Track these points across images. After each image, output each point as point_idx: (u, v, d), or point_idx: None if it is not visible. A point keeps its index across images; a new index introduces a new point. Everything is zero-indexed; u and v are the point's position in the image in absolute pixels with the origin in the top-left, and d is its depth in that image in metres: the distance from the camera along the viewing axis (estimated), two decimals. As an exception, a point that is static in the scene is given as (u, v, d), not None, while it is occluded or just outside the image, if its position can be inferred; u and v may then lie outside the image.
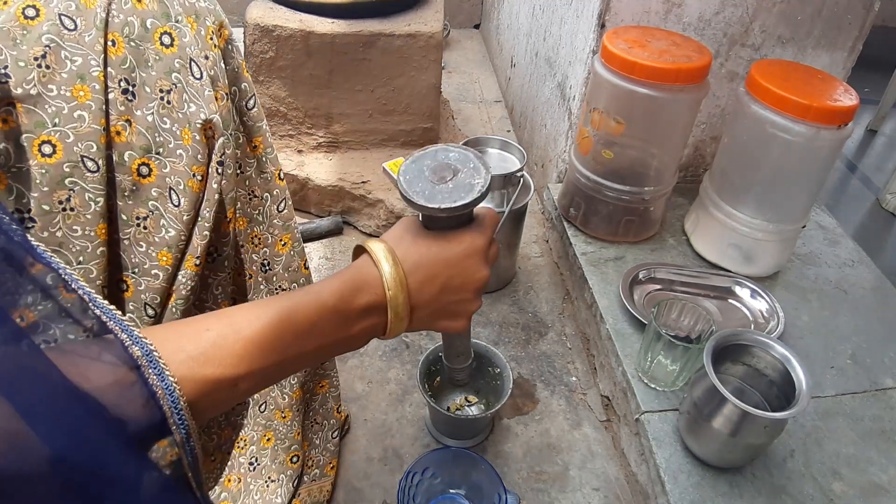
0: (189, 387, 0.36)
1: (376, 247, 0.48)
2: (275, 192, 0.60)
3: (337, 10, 1.15)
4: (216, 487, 0.71)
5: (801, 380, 0.68)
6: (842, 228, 1.16)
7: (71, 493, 0.29)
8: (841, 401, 0.83)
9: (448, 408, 0.86)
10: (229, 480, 0.72)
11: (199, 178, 0.50)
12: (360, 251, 0.50)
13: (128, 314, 0.51)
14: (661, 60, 0.87)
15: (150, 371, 0.33)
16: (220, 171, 0.50)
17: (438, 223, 0.51)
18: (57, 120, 0.44)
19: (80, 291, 0.33)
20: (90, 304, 0.33)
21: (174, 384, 0.34)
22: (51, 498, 0.28)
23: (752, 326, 0.92)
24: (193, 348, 0.37)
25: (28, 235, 0.33)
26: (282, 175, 0.60)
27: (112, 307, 0.34)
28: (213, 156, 0.50)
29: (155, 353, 0.34)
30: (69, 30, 0.44)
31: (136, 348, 0.33)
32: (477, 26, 2.22)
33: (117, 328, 0.33)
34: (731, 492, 0.71)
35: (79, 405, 0.30)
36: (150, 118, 0.47)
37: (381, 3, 1.18)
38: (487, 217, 0.53)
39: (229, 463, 0.72)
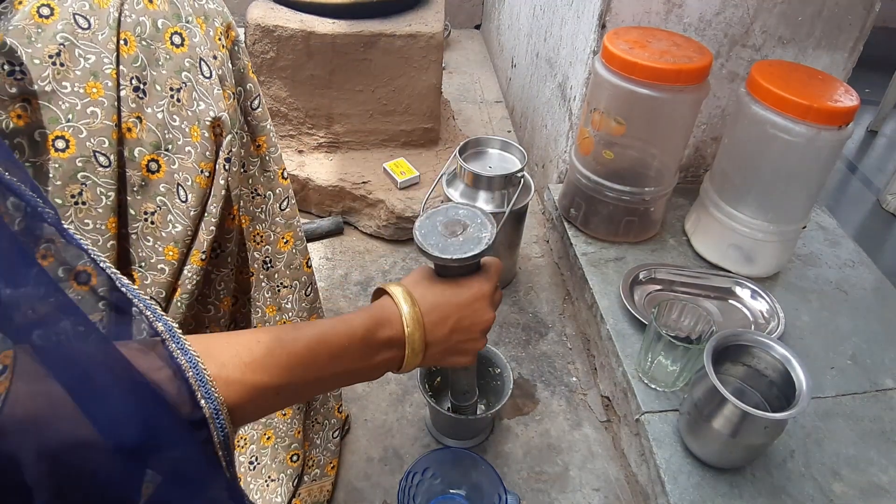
0: (240, 390, 0.39)
1: (396, 290, 0.53)
2: (277, 191, 0.61)
3: (338, 10, 1.15)
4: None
5: (802, 380, 0.68)
6: (842, 229, 1.16)
7: (124, 460, 0.30)
8: (841, 401, 0.83)
9: (448, 408, 0.86)
10: (230, 480, 0.72)
11: (207, 174, 0.51)
12: (380, 293, 0.55)
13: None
14: (661, 61, 0.87)
15: (173, 345, 0.35)
16: (226, 167, 0.52)
17: (450, 272, 0.56)
18: (70, 116, 0.45)
19: (109, 271, 0.34)
20: (117, 283, 0.35)
21: (197, 357, 0.35)
22: (108, 465, 0.30)
23: (753, 327, 0.92)
24: (247, 355, 0.40)
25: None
26: (285, 174, 0.61)
27: (135, 287, 0.35)
28: (221, 152, 0.51)
29: (176, 329, 0.36)
30: (83, 28, 0.45)
31: (160, 324, 0.35)
32: (478, 27, 2.23)
33: (142, 305, 0.35)
34: (732, 492, 0.71)
35: (126, 379, 0.31)
36: (160, 115, 0.49)
37: (382, 3, 1.18)
38: (493, 266, 0.59)
39: (230, 462, 0.72)
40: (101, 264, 0.34)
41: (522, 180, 0.98)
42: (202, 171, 0.50)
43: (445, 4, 1.30)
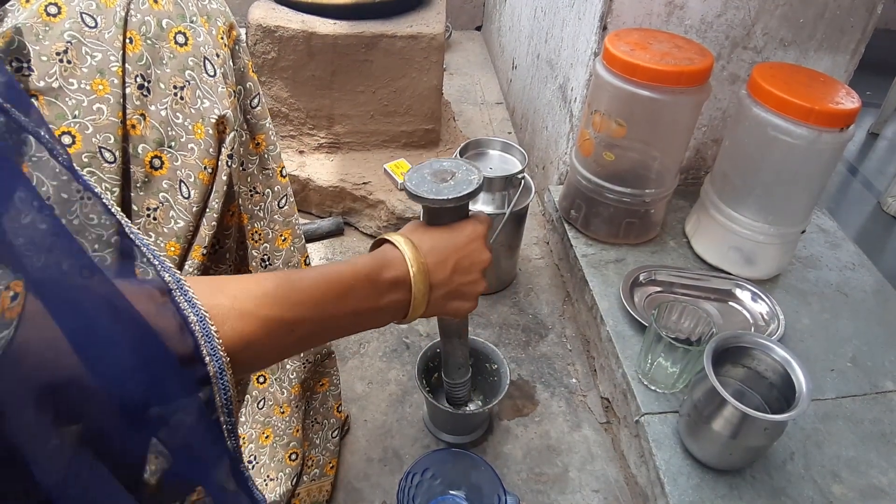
0: (255, 323, 0.38)
1: (394, 237, 0.53)
2: (276, 189, 0.61)
3: (339, 11, 1.15)
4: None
5: (802, 382, 0.68)
6: (843, 231, 1.16)
7: (125, 411, 0.29)
8: (841, 403, 0.83)
9: (445, 397, 0.85)
10: (229, 479, 0.72)
11: (210, 170, 0.52)
12: (378, 243, 0.55)
13: None
14: (662, 63, 0.87)
15: (180, 297, 0.34)
16: (229, 163, 0.52)
17: (444, 217, 0.57)
18: (77, 112, 0.46)
19: (118, 216, 0.34)
20: (125, 229, 0.34)
21: (205, 313, 0.34)
22: (108, 414, 0.29)
23: (753, 329, 0.92)
24: (256, 289, 0.40)
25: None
26: (284, 172, 0.62)
27: (143, 235, 0.35)
28: (224, 148, 0.52)
29: (184, 282, 0.34)
30: (90, 27, 0.46)
31: (167, 275, 0.34)
32: (478, 28, 2.23)
33: (150, 255, 0.34)
34: (731, 494, 0.71)
35: (129, 322, 0.30)
36: (163, 113, 0.50)
37: (384, 4, 1.18)
38: (481, 215, 0.60)
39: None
40: (112, 208, 0.33)
41: (523, 182, 0.98)
42: (205, 168, 0.51)
43: (447, 6, 1.31)
